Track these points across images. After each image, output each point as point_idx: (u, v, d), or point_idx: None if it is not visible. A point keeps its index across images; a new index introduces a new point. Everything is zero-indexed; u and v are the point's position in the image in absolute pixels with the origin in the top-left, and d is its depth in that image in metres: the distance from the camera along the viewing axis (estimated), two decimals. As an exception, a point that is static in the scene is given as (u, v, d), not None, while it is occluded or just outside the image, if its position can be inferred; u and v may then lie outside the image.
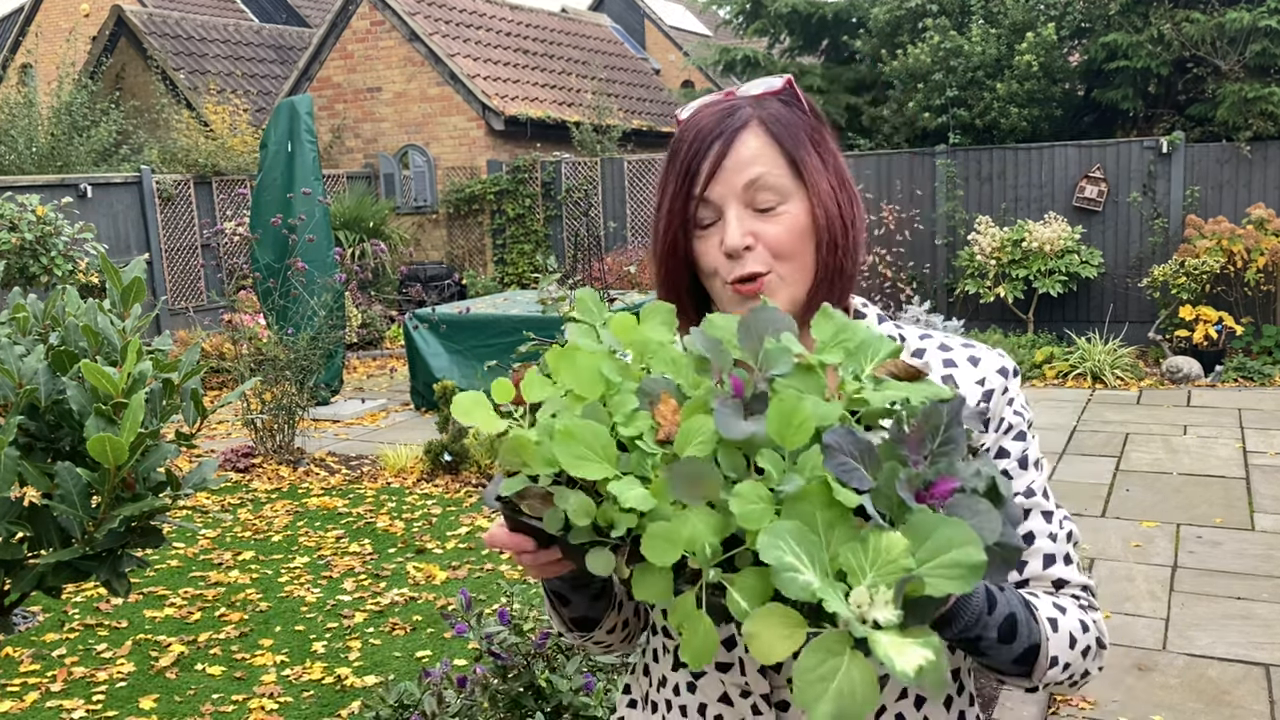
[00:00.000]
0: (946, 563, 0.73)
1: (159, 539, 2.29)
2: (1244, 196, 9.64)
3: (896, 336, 1.17)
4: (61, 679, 3.98)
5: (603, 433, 0.83)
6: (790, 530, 0.74)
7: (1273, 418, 7.41)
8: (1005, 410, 1.14)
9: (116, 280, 2.41)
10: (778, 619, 0.74)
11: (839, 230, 1.12)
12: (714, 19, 19.48)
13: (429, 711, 2.61)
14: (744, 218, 1.09)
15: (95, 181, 11.06)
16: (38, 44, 18.82)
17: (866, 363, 0.87)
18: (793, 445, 0.79)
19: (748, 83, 1.16)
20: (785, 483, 0.77)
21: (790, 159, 1.10)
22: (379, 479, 6.63)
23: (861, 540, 0.74)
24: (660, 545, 0.78)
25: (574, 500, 0.83)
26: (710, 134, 1.10)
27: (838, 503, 0.76)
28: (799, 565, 0.73)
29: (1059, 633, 1.05)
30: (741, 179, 1.09)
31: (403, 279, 12.09)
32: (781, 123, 1.11)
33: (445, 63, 13.22)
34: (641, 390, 0.87)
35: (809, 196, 1.10)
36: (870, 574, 0.73)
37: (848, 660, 0.71)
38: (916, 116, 10.88)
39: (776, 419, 0.80)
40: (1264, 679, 3.69)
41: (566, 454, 0.81)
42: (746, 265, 1.09)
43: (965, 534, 0.73)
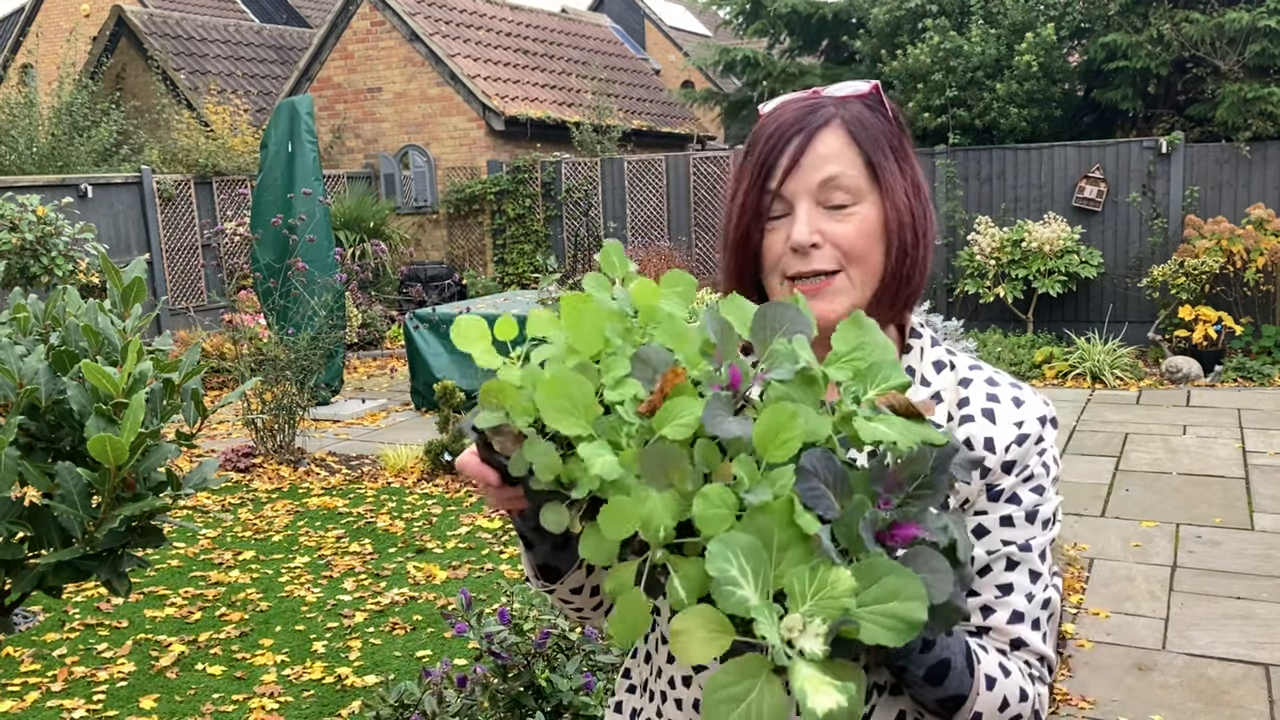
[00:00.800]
0: (887, 612, 0.72)
1: (159, 539, 2.29)
2: (1243, 196, 9.64)
3: (946, 363, 1.15)
4: (62, 679, 3.98)
5: (588, 389, 0.82)
6: (743, 544, 0.73)
7: (1272, 418, 7.41)
8: (1033, 458, 1.11)
9: (117, 280, 2.41)
10: (706, 621, 0.73)
11: (910, 239, 1.10)
12: (714, 19, 19.48)
13: (429, 711, 2.61)
14: (814, 215, 1.08)
15: (96, 182, 11.07)
16: (38, 44, 18.82)
17: (871, 387, 0.85)
18: (773, 458, 0.78)
19: (835, 84, 1.16)
20: (753, 492, 0.76)
21: (868, 161, 1.09)
22: (379, 479, 6.63)
23: (811, 569, 0.74)
24: (616, 518, 0.78)
25: (542, 451, 0.82)
26: (790, 129, 1.10)
27: (797, 525, 0.75)
28: (741, 581, 0.72)
29: (992, 692, 1.03)
30: (817, 176, 1.08)
31: (403, 279, 12.10)
32: (863, 125, 1.10)
33: (445, 63, 13.23)
34: (638, 358, 0.85)
35: (883, 200, 1.10)
36: (809, 603, 0.72)
37: (762, 684, 0.70)
38: (916, 117, 10.88)
39: (765, 428, 0.78)
40: (1264, 679, 3.70)
41: (548, 404, 0.81)
42: (813, 262, 1.08)
43: (914, 588, 0.73)
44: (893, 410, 0.84)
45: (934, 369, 1.15)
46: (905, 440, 0.80)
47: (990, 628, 1.08)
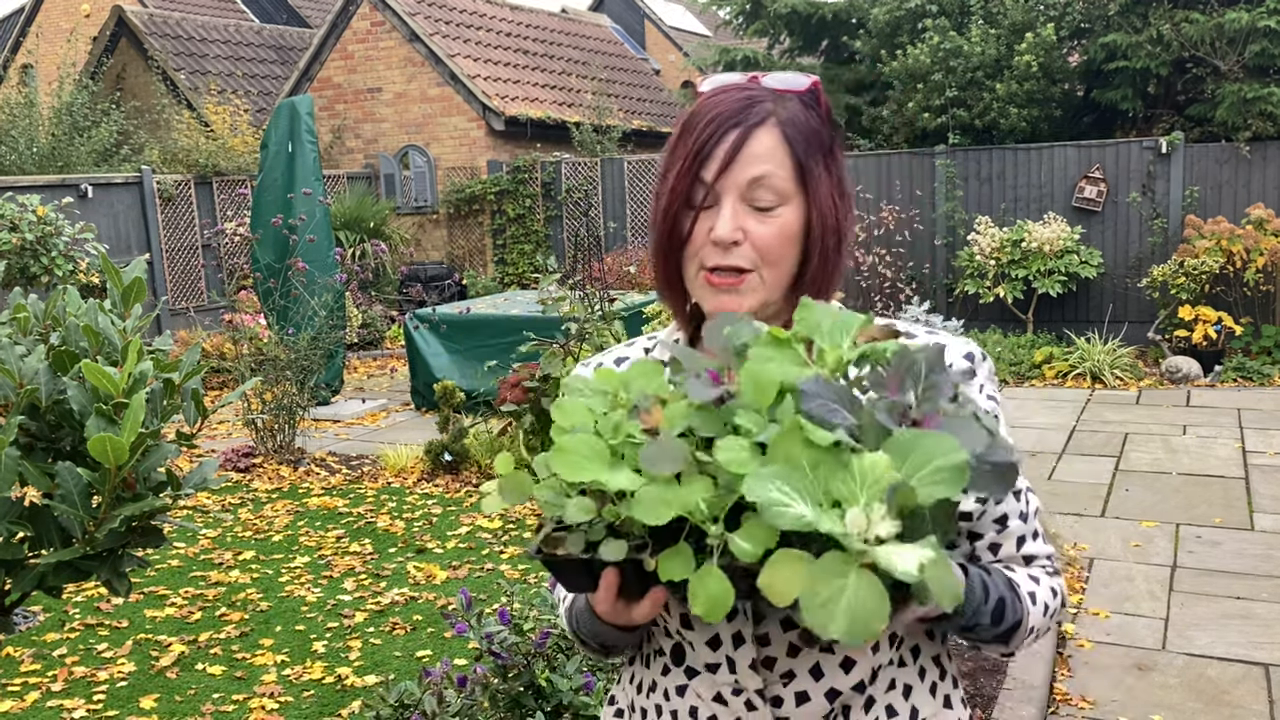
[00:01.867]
0: (931, 470, 0.75)
1: (159, 539, 2.29)
2: (1243, 196, 9.64)
3: None
4: (62, 679, 3.98)
5: (595, 443, 0.88)
6: (774, 471, 0.77)
7: (1272, 418, 7.42)
8: (973, 392, 1.14)
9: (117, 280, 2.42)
10: (787, 562, 0.76)
11: (832, 243, 1.13)
12: (714, 19, 19.48)
13: (429, 711, 2.61)
14: (739, 212, 1.10)
15: (96, 182, 11.07)
16: (38, 44, 18.82)
17: (844, 337, 0.89)
18: (765, 402, 0.83)
19: (775, 73, 1.15)
20: (763, 433, 0.80)
21: (798, 164, 1.10)
22: (379, 479, 6.63)
23: (844, 467, 0.77)
24: (652, 505, 0.82)
25: (573, 503, 0.87)
26: (728, 121, 1.10)
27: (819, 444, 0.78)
28: (787, 500, 0.75)
29: (1036, 605, 1.13)
30: (747, 174, 1.09)
31: (403, 279, 12.10)
32: (798, 127, 1.11)
33: (445, 63, 13.23)
34: (634, 407, 0.91)
35: (808, 204, 1.11)
36: (863, 496, 0.75)
37: (854, 579, 0.73)
38: (916, 117, 10.88)
39: (748, 383, 0.84)
40: (1263, 679, 3.70)
41: (563, 465, 0.86)
42: (730, 257, 1.10)
43: (945, 443, 0.76)
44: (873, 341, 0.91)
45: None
46: (891, 346, 0.87)
47: (1003, 559, 1.15)
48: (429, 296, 11.67)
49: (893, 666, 1.14)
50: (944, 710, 1.18)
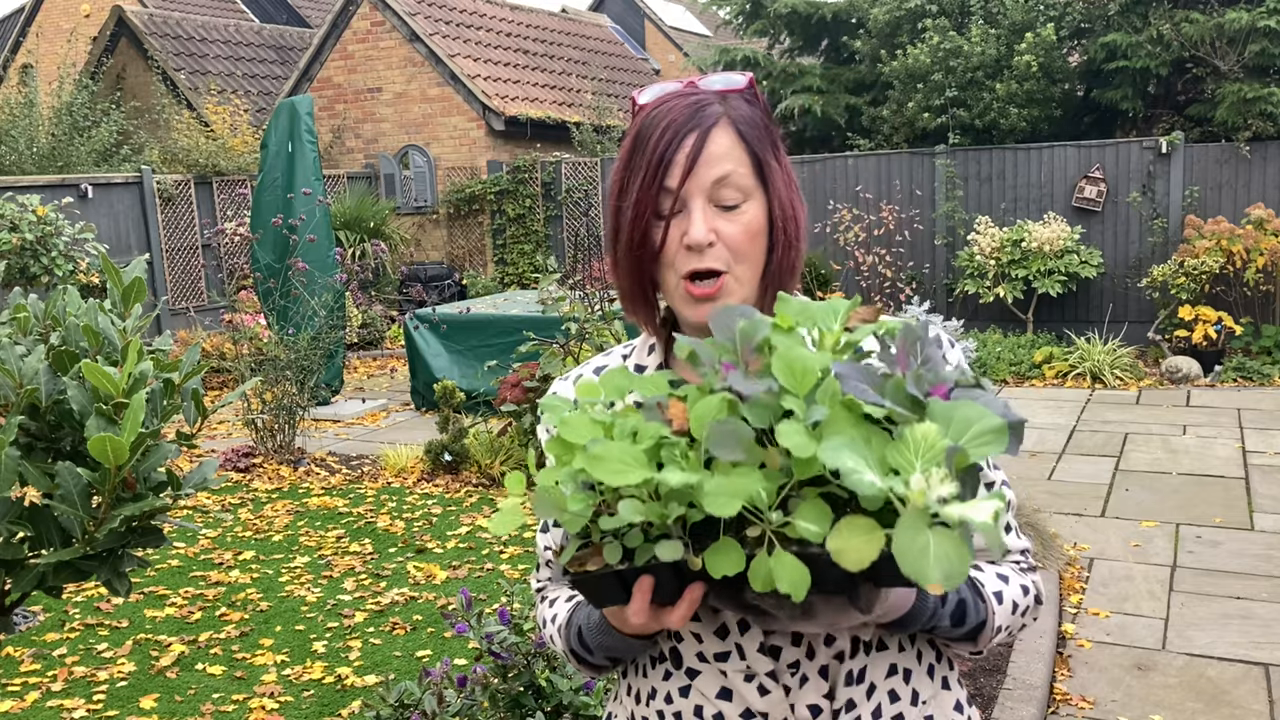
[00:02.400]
0: (976, 434, 0.81)
1: (159, 539, 2.29)
2: (1243, 196, 9.64)
3: None
4: (62, 678, 3.98)
5: (628, 448, 0.87)
6: (844, 444, 0.81)
7: (1272, 418, 7.42)
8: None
9: (117, 280, 2.42)
10: (855, 528, 0.81)
11: (792, 232, 1.16)
12: (714, 19, 19.48)
13: (429, 711, 2.61)
14: (708, 213, 1.11)
15: (96, 182, 11.07)
16: (38, 44, 18.82)
17: (835, 321, 0.94)
18: (805, 388, 0.85)
19: (710, 76, 1.17)
20: (813, 414, 0.83)
21: (756, 159, 1.13)
22: (379, 479, 6.63)
23: (899, 439, 0.81)
24: (721, 499, 0.83)
25: (625, 505, 0.86)
26: (684, 126, 1.11)
27: (864, 419, 0.83)
28: (860, 468, 0.79)
29: (1003, 605, 1.15)
30: (711, 175, 1.10)
31: (403, 279, 12.10)
32: (749, 123, 1.14)
33: (445, 63, 13.23)
34: (646, 408, 0.92)
35: (768, 197, 1.14)
36: (919, 463, 0.79)
37: (932, 534, 0.78)
38: (916, 117, 10.88)
39: (783, 369, 0.86)
40: (1263, 679, 3.70)
41: (605, 472, 0.85)
42: (705, 260, 1.11)
43: (980, 410, 0.82)
44: (864, 323, 0.96)
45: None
46: (891, 324, 0.92)
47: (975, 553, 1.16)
48: (429, 296, 11.67)
49: (890, 651, 1.15)
50: (943, 691, 1.20)
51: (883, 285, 10.78)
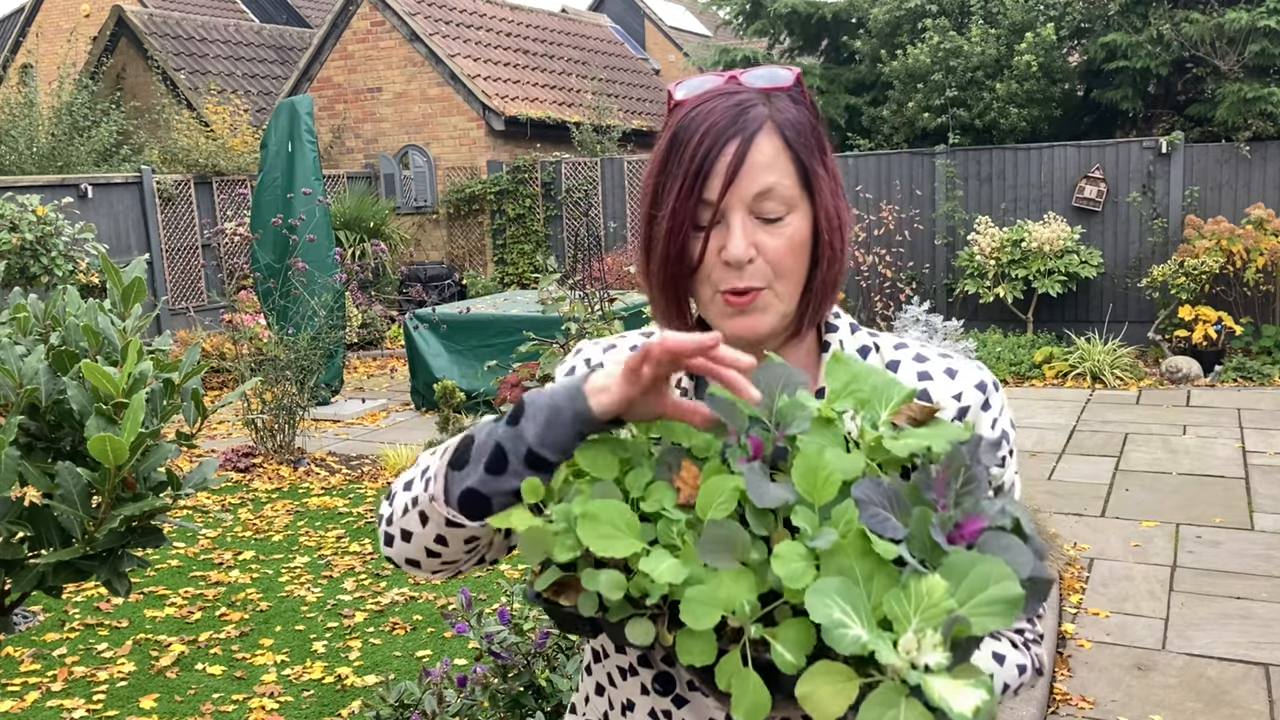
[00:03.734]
0: (986, 600, 0.74)
1: (159, 539, 2.29)
2: (1243, 196, 9.64)
3: (871, 345, 1.14)
4: (62, 678, 3.98)
5: (624, 510, 0.84)
6: (835, 587, 0.75)
7: (1272, 417, 7.42)
8: (984, 428, 1.10)
9: (117, 280, 2.42)
10: (829, 676, 0.75)
11: (838, 244, 1.08)
12: (714, 19, 19.48)
13: (429, 711, 2.61)
14: (749, 227, 1.03)
15: (96, 182, 11.07)
16: (38, 44, 18.82)
17: (881, 408, 0.87)
18: (822, 500, 0.80)
19: (753, 70, 1.08)
20: (819, 538, 0.78)
21: (802, 168, 1.04)
22: (379, 479, 6.63)
23: (903, 587, 0.75)
24: (699, 610, 0.78)
25: (605, 577, 0.83)
26: (725, 132, 1.02)
27: (873, 553, 0.77)
28: (848, 620, 0.74)
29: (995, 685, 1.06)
30: (754, 187, 1.02)
31: (403, 279, 12.10)
32: (796, 128, 1.05)
33: (445, 63, 13.23)
34: (660, 462, 0.88)
35: (814, 209, 1.06)
36: (915, 619, 0.74)
37: (904, 708, 0.72)
38: (916, 116, 10.88)
39: (803, 475, 0.81)
40: (1263, 679, 3.70)
41: (592, 536, 0.82)
42: (744, 278, 1.04)
43: (1000, 569, 0.75)
44: (913, 423, 0.87)
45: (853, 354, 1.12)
46: (939, 444, 0.83)
47: None
48: (429, 296, 11.67)
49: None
50: None
51: (883, 285, 10.78)
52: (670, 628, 0.83)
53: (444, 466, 0.99)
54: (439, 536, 1.00)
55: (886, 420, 0.87)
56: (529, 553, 0.87)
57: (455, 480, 0.97)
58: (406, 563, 1.06)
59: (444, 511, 0.97)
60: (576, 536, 0.83)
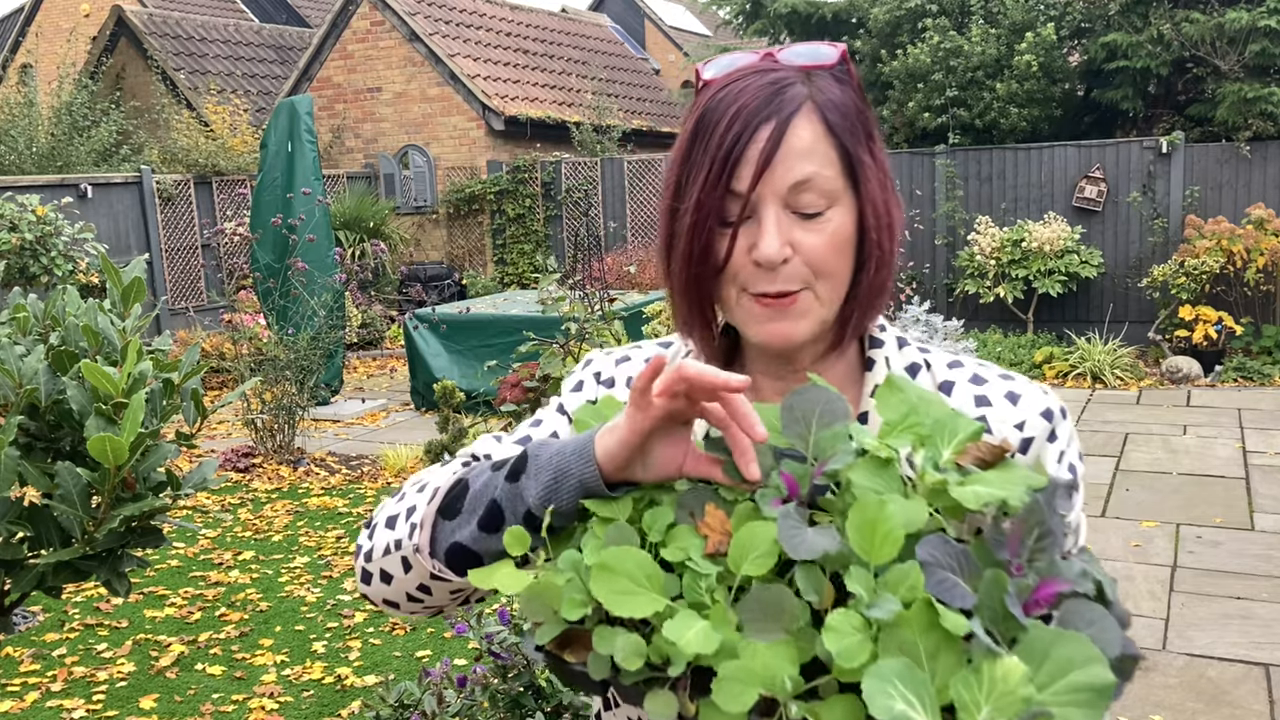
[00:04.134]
0: (1071, 687, 0.64)
1: (159, 539, 2.29)
2: (1243, 196, 9.64)
3: (921, 363, 1.01)
4: (62, 679, 3.98)
5: (644, 559, 0.72)
6: (898, 671, 0.65)
7: (1272, 417, 7.41)
8: (1049, 462, 0.96)
9: (116, 280, 2.41)
10: None
11: (886, 243, 0.95)
12: (714, 19, 19.48)
13: (429, 711, 2.61)
14: (783, 223, 0.90)
15: (95, 181, 11.06)
16: (38, 44, 18.82)
17: (944, 446, 0.76)
18: (881, 559, 0.69)
19: (793, 46, 0.95)
20: (879, 606, 0.67)
21: (846, 156, 0.92)
22: (379, 479, 6.63)
23: (974, 670, 0.65)
24: (734, 690, 0.67)
25: (622, 642, 0.72)
26: (758, 114, 0.90)
27: (940, 626, 0.66)
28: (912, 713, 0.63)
29: None
30: (790, 177, 0.89)
31: (403, 279, 12.10)
32: (839, 110, 0.92)
33: (445, 63, 13.23)
34: (681, 504, 0.77)
35: (859, 202, 0.93)
36: (986, 707, 0.64)
37: None
38: (916, 116, 10.88)
39: (859, 529, 0.70)
40: (1264, 679, 3.70)
41: (608, 591, 0.71)
42: (778, 281, 0.91)
43: (1087, 651, 0.65)
44: (981, 464, 0.76)
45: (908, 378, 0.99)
46: (1015, 493, 0.72)
47: None
48: (429, 296, 11.67)
49: None
50: None
51: (883, 285, 10.77)
52: (694, 694, 0.71)
53: (433, 513, 0.90)
54: (422, 586, 0.91)
55: (950, 460, 0.75)
56: (530, 610, 0.76)
57: (444, 531, 0.88)
58: (385, 603, 0.97)
59: (429, 565, 0.88)
60: (588, 590, 0.72)
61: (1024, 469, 0.75)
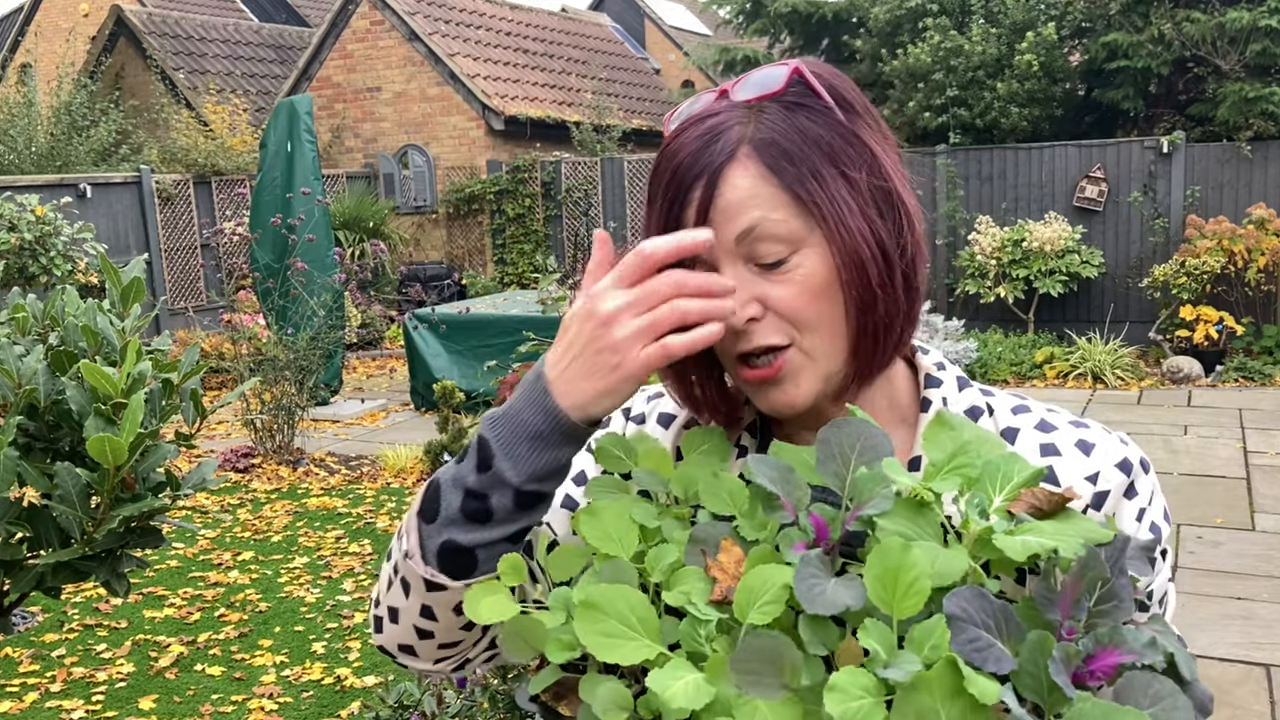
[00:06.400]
0: None
1: (159, 539, 2.28)
2: (1244, 196, 9.63)
3: (983, 406, 0.92)
4: (61, 679, 3.97)
5: (637, 600, 0.66)
6: None
7: (1273, 418, 7.41)
8: (1126, 522, 0.87)
9: (116, 280, 2.40)
10: None
11: (878, 275, 0.84)
12: (714, 19, 19.48)
13: (428, 712, 2.60)
14: (744, 280, 0.83)
15: (95, 181, 11.06)
16: (37, 44, 18.81)
17: (995, 491, 0.68)
18: (903, 613, 0.61)
19: (744, 76, 0.88)
20: (895, 666, 0.59)
21: (794, 195, 0.82)
22: (379, 479, 6.62)
23: None
24: None
25: (604, 691, 0.65)
26: (689, 172, 0.84)
27: (967, 693, 0.58)
28: None
29: None
30: (732, 230, 0.82)
31: (402, 279, 12.09)
32: (779, 146, 0.83)
33: (445, 62, 13.22)
34: (694, 539, 0.71)
35: (828, 240, 0.83)
36: None
37: None
38: (917, 116, 10.87)
39: (878, 576, 0.62)
40: (1264, 679, 3.69)
41: (591, 632, 0.64)
42: (754, 338, 0.84)
43: None
44: (1036, 513, 0.68)
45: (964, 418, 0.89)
46: (1070, 544, 0.64)
47: None
48: (428, 296, 11.66)
49: None
50: None
51: (883, 285, 10.77)
52: None
53: (414, 516, 0.83)
54: (424, 607, 0.85)
55: (1001, 507, 0.67)
56: (510, 648, 0.69)
57: (430, 533, 0.81)
58: (400, 650, 0.91)
59: (421, 571, 0.81)
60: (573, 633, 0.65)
61: (1088, 521, 0.68)
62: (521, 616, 0.69)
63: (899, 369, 0.94)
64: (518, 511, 0.79)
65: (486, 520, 0.79)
